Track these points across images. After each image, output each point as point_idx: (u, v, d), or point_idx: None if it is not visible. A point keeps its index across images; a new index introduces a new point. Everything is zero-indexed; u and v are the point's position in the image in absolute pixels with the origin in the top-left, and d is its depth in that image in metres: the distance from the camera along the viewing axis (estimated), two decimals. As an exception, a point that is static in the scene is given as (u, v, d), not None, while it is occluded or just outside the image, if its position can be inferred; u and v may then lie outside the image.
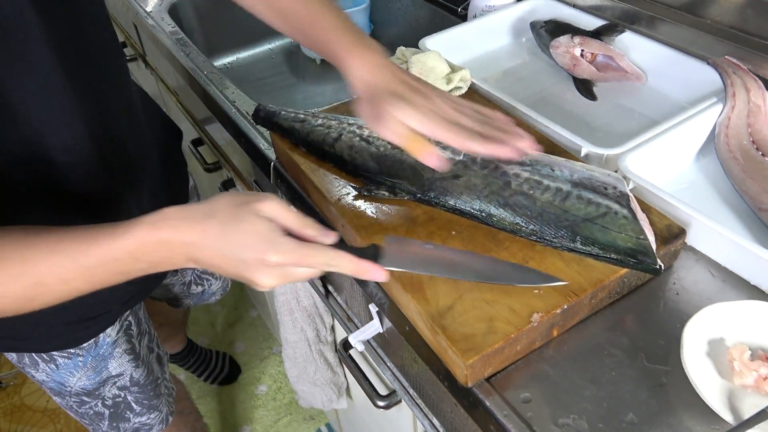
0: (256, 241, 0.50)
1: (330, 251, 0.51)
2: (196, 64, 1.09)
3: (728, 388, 0.51)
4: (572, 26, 0.92)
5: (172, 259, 0.52)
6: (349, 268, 0.52)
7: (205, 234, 0.50)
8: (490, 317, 0.53)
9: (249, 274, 0.51)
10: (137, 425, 1.00)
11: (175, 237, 0.50)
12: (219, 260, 0.51)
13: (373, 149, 0.67)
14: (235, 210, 0.51)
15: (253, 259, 0.50)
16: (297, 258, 0.50)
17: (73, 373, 0.85)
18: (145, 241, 0.50)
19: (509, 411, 0.51)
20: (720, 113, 0.75)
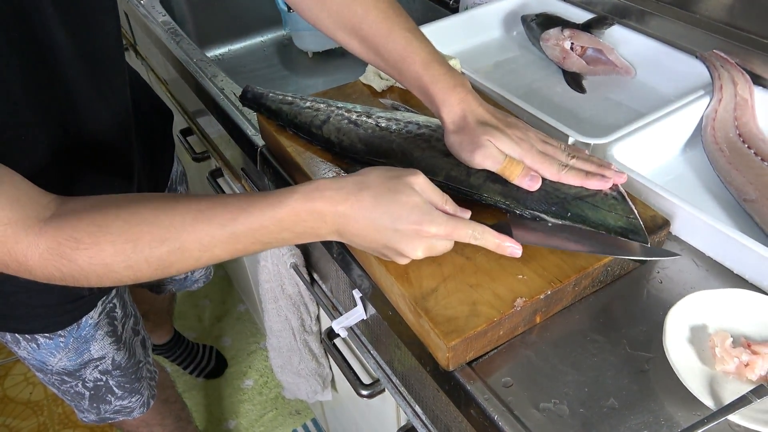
0: (413, 212, 0.51)
1: (476, 225, 0.53)
2: (187, 54, 1.09)
3: (710, 375, 0.51)
4: (562, 19, 0.92)
5: (319, 230, 0.53)
6: (492, 243, 0.54)
7: (360, 205, 0.51)
8: (474, 301, 0.53)
9: (401, 245, 0.52)
10: (118, 407, 1.00)
11: (328, 207, 0.51)
12: (369, 231, 0.52)
13: (362, 131, 0.67)
14: (388, 182, 0.52)
15: (410, 230, 0.51)
16: (449, 230, 0.52)
17: (53, 353, 0.85)
18: (297, 211, 0.51)
19: (490, 395, 0.51)
20: (707, 106, 0.75)
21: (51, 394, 1.70)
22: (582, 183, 0.58)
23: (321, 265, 0.78)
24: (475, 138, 0.58)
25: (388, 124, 0.68)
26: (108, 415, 1.01)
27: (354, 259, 0.65)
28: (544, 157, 0.58)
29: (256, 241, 0.52)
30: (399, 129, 0.67)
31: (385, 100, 0.79)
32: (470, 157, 0.58)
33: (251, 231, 0.52)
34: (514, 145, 0.58)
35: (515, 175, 0.58)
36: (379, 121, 0.68)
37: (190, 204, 0.52)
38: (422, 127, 0.67)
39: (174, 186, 1.05)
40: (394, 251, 0.53)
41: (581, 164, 0.59)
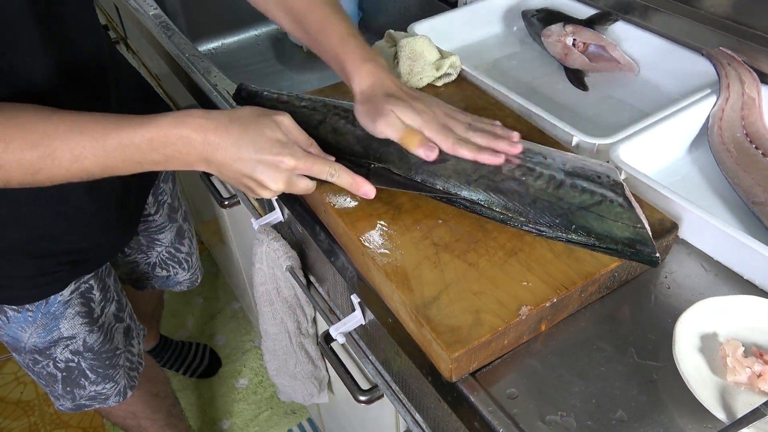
0: (275, 145, 0.56)
1: (333, 163, 0.58)
2: (179, 49, 1.06)
3: (721, 385, 0.49)
4: (564, 15, 0.90)
5: (187, 156, 0.56)
6: (346, 181, 0.58)
7: (227, 135, 0.56)
8: (477, 309, 0.51)
9: (260, 175, 0.56)
10: (93, 393, 0.98)
11: (197, 135, 0.55)
12: (234, 161, 0.56)
13: (359, 131, 0.65)
14: (256, 118, 0.57)
15: (270, 160, 0.56)
16: (307, 165, 0.57)
17: (24, 328, 0.85)
18: (168, 133, 0.55)
19: (494, 407, 0.49)
20: (713, 105, 0.73)
21: (42, 394, 1.68)
22: (474, 157, 0.59)
23: (317, 268, 0.76)
24: (379, 107, 0.60)
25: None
26: (84, 402, 0.99)
27: (351, 263, 0.63)
28: (443, 129, 0.60)
29: (127, 158, 0.55)
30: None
31: (384, 98, 0.76)
32: (373, 126, 0.61)
33: (122, 147, 0.55)
34: (416, 115, 0.60)
35: (413, 145, 0.59)
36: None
37: (67, 115, 0.55)
38: (422, 127, 0.65)
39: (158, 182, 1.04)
40: (256, 182, 0.57)
41: (477, 137, 0.61)
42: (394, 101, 0.60)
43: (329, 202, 0.62)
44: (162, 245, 1.10)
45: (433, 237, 0.58)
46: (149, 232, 1.07)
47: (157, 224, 1.06)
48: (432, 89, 0.79)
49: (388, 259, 0.56)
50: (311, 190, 0.59)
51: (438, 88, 0.79)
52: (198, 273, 1.23)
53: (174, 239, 1.12)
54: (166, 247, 1.11)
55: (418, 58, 0.77)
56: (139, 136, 0.54)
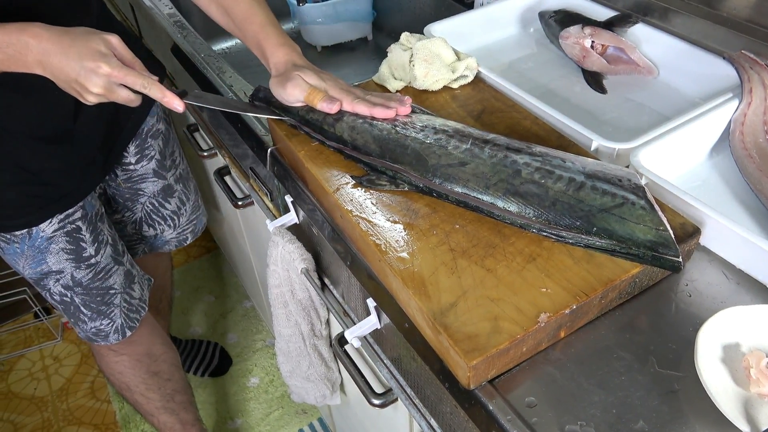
0: (95, 55, 0.66)
1: (147, 78, 0.67)
2: (194, 48, 1.06)
3: (744, 397, 0.49)
4: (583, 16, 0.89)
5: (25, 57, 0.66)
6: (156, 94, 0.67)
7: (59, 43, 0.66)
8: (495, 316, 0.50)
9: (82, 79, 0.66)
10: (94, 329, 1.06)
11: (34, 41, 0.65)
12: (63, 66, 0.66)
13: (376, 131, 0.65)
14: (86, 34, 0.67)
15: (89, 66, 0.65)
16: (121, 74, 0.66)
17: (16, 260, 0.95)
18: (10, 36, 0.65)
19: (513, 415, 0.49)
20: (735, 110, 0.72)
21: (56, 390, 1.69)
22: (369, 111, 0.67)
23: (332, 270, 0.76)
24: (288, 75, 0.70)
25: (404, 128, 0.65)
26: (90, 335, 1.07)
27: (367, 266, 0.63)
28: (343, 90, 0.69)
29: None
30: (415, 133, 0.65)
31: (400, 99, 0.76)
32: (283, 90, 0.70)
33: None
34: (320, 81, 0.70)
35: (317, 99, 0.68)
36: (395, 124, 0.66)
37: None
38: (438, 131, 0.64)
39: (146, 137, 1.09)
40: (80, 85, 0.66)
41: (373, 98, 0.69)
42: (302, 69, 0.70)
43: (346, 208, 0.62)
44: (144, 195, 1.15)
45: (450, 242, 0.57)
46: (132, 182, 1.12)
47: (138, 173, 1.11)
48: (448, 91, 0.78)
49: (405, 264, 0.55)
50: (133, 102, 0.69)
51: (454, 90, 0.78)
52: (188, 234, 1.27)
53: (158, 192, 1.16)
54: (149, 198, 1.16)
55: (434, 60, 0.76)
56: None
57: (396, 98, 0.69)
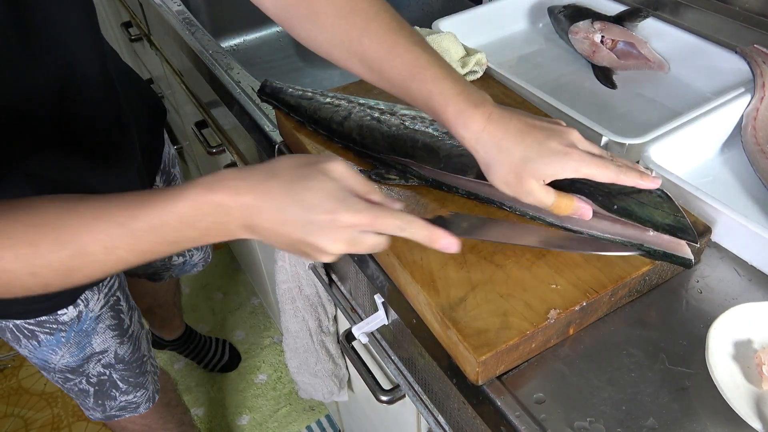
0: (327, 199, 0.46)
1: (404, 215, 0.48)
2: (202, 45, 1.06)
3: (756, 394, 0.48)
4: (592, 11, 0.89)
5: (227, 225, 0.47)
6: (422, 235, 0.48)
7: (268, 195, 0.46)
8: (505, 312, 0.50)
9: (315, 239, 0.46)
10: (123, 403, 0.98)
11: (232, 200, 0.46)
12: (280, 225, 0.47)
13: (384, 128, 0.64)
14: (299, 170, 0.47)
15: (323, 220, 0.46)
16: (370, 219, 0.46)
17: (55, 350, 0.83)
18: (199, 204, 0.46)
19: (521, 412, 0.48)
20: (747, 104, 0.71)
21: (65, 386, 1.70)
22: (635, 183, 0.52)
23: (340, 266, 0.76)
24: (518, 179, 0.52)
25: (413, 123, 0.65)
26: (114, 413, 1.00)
27: (375, 261, 0.63)
28: (597, 161, 0.52)
29: (162, 240, 0.48)
30: (424, 127, 0.64)
31: (408, 95, 0.76)
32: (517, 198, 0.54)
33: (152, 229, 0.47)
34: (562, 165, 0.51)
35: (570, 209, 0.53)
36: (404, 120, 0.66)
37: (92, 202, 0.48)
38: (448, 125, 0.64)
39: (168, 169, 1.03)
40: (312, 246, 0.47)
41: (620, 161, 0.54)
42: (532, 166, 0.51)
43: None
44: None
45: (459, 237, 0.57)
46: None
47: None
48: (457, 87, 0.78)
49: (414, 259, 0.55)
50: (383, 247, 0.49)
51: (463, 86, 0.78)
52: (209, 249, 1.23)
53: None
54: None
55: (443, 56, 0.76)
56: (168, 213, 0.46)
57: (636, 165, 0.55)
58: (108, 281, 0.86)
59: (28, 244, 0.46)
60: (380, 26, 0.55)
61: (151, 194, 0.48)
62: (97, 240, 0.47)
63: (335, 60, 0.60)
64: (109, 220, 0.47)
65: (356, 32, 0.56)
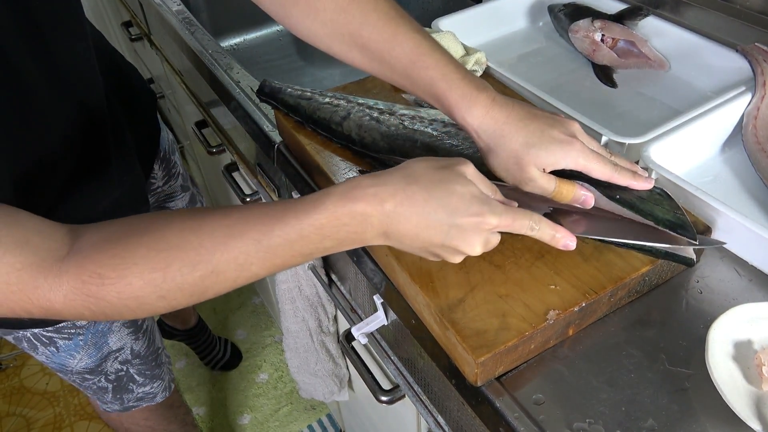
0: (473, 203, 0.46)
1: (533, 214, 0.48)
2: (202, 45, 1.06)
3: (756, 395, 0.48)
4: (593, 10, 0.88)
5: (364, 234, 0.47)
6: (548, 234, 0.49)
7: (410, 201, 0.45)
8: (504, 313, 0.50)
9: (457, 242, 0.47)
10: (141, 394, 1.00)
11: (373, 207, 0.45)
12: (421, 229, 0.46)
13: (384, 128, 0.64)
14: (438, 173, 0.47)
15: (470, 222, 0.46)
16: (509, 221, 0.47)
17: (73, 355, 0.83)
18: (338, 215, 0.45)
19: (520, 413, 0.48)
20: (748, 103, 0.71)
21: (67, 385, 1.70)
22: (629, 184, 0.53)
23: (339, 267, 0.76)
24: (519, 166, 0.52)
25: (412, 122, 0.65)
26: (131, 404, 1.01)
27: (374, 262, 0.63)
28: (596, 156, 0.52)
29: (297, 253, 0.47)
30: (423, 127, 0.64)
31: (408, 95, 0.76)
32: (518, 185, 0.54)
33: (289, 243, 0.46)
34: (563, 154, 0.51)
35: (570, 195, 0.53)
36: (403, 120, 0.65)
37: (218, 219, 0.46)
38: (447, 125, 0.64)
39: (168, 156, 1.03)
40: (451, 249, 0.47)
41: (623, 163, 0.54)
42: (535, 153, 0.51)
43: None
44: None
45: (458, 238, 0.57)
46: (159, 201, 1.06)
47: (166, 193, 1.05)
48: (456, 86, 0.77)
49: (413, 260, 0.55)
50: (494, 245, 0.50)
51: (462, 85, 0.78)
52: None
53: (186, 206, 1.11)
54: None
55: (442, 55, 0.76)
56: (306, 226, 0.45)
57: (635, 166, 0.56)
58: None
59: (155, 269, 0.45)
60: (379, 16, 0.56)
61: (287, 206, 0.47)
62: (230, 258, 0.46)
63: (336, 53, 0.60)
64: (243, 236, 0.46)
65: (356, 24, 0.56)
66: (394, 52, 0.55)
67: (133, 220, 0.48)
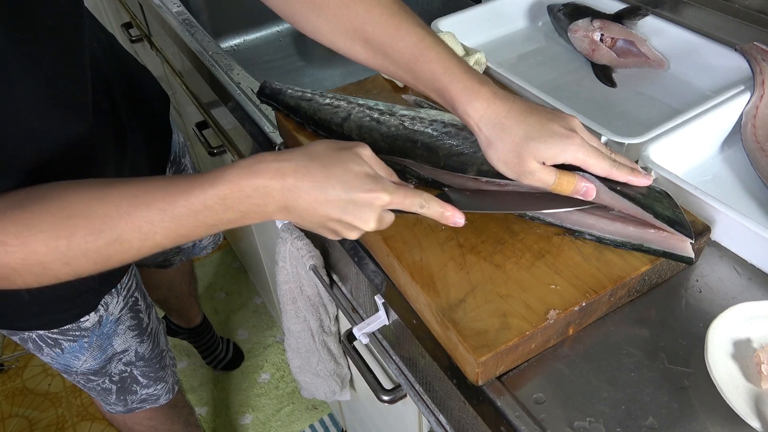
0: (366, 181, 0.50)
1: (423, 193, 0.52)
2: (202, 46, 1.06)
3: (755, 393, 0.48)
4: (592, 9, 0.88)
5: (266, 207, 0.49)
6: (437, 211, 0.53)
7: (310, 177, 0.49)
8: (504, 312, 0.50)
9: (351, 217, 0.50)
10: (144, 396, 1.00)
11: (274, 182, 0.48)
12: (320, 204, 0.49)
13: (384, 129, 0.65)
14: (337, 153, 0.51)
15: (364, 198, 0.49)
16: (400, 198, 0.51)
17: (78, 356, 0.84)
18: (241, 186, 0.48)
19: (521, 412, 0.49)
20: (747, 102, 0.71)
21: (70, 386, 1.71)
22: (627, 179, 0.53)
23: (340, 267, 0.76)
24: (519, 159, 0.52)
25: (412, 123, 0.65)
26: (135, 405, 1.01)
27: (375, 262, 0.63)
28: (595, 151, 0.52)
29: (200, 224, 0.49)
30: (424, 128, 0.65)
31: (408, 96, 0.76)
32: (517, 179, 0.54)
33: (193, 213, 0.48)
34: (562, 148, 0.51)
35: (570, 188, 0.53)
36: (403, 120, 0.66)
37: (124, 189, 0.48)
38: (447, 125, 0.64)
39: (178, 159, 1.03)
40: (346, 224, 0.51)
41: (623, 160, 0.55)
42: (534, 146, 0.51)
43: None
44: None
45: (458, 238, 0.57)
46: None
47: None
48: (456, 87, 0.78)
49: (413, 260, 0.55)
50: (389, 225, 0.53)
51: (462, 86, 0.78)
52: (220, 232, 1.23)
53: None
54: None
55: (442, 56, 0.76)
56: (210, 196, 0.48)
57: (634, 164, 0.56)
58: (126, 283, 0.86)
59: (60, 236, 0.47)
60: (382, 11, 0.57)
61: (191, 178, 0.49)
62: (135, 228, 0.48)
63: (340, 49, 0.61)
64: (148, 205, 0.48)
65: (359, 20, 0.57)
66: (396, 46, 0.56)
67: (39, 189, 0.49)
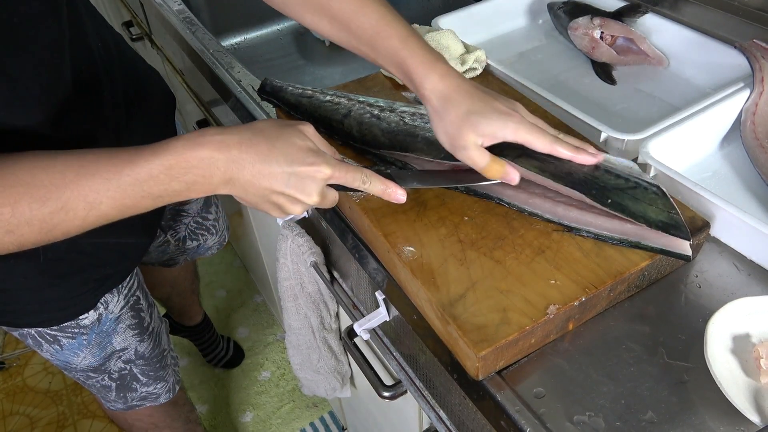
0: (308, 154, 0.52)
1: (364, 170, 0.55)
2: (203, 44, 1.06)
3: (754, 387, 0.48)
4: (592, 7, 0.89)
5: (210, 179, 0.51)
6: (378, 188, 0.55)
7: (254, 149, 0.50)
8: (504, 307, 0.51)
9: (293, 190, 0.52)
10: (144, 394, 1.00)
11: (220, 153, 0.50)
12: (263, 177, 0.51)
13: (384, 125, 0.65)
14: (280, 129, 0.53)
15: (305, 171, 0.51)
16: (342, 173, 0.53)
17: (77, 353, 0.84)
18: (187, 157, 0.49)
19: (521, 406, 0.49)
20: (747, 99, 0.71)
21: (70, 384, 1.71)
22: (572, 156, 0.55)
23: (341, 263, 0.76)
24: (459, 131, 0.55)
25: (412, 119, 0.65)
26: (135, 403, 1.02)
27: (375, 258, 0.63)
28: (536, 128, 0.55)
29: (146, 194, 0.50)
30: (424, 123, 0.65)
31: (408, 93, 0.76)
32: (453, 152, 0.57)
33: (138, 183, 0.49)
34: (502, 125, 0.54)
35: (497, 176, 0.56)
36: (404, 116, 0.66)
37: (70, 160, 0.49)
38: (448, 122, 0.64)
39: None
40: (289, 197, 0.52)
41: (568, 138, 0.57)
42: (476, 120, 0.54)
43: (354, 200, 0.62)
44: (189, 216, 1.10)
45: (459, 234, 0.57)
46: (173, 204, 1.05)
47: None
48: (457, 84, 0.78)
49: (414, 255, 0.56)
50: (334, 203, 0.56)
51: (463, 83, 0.78)
52: (225, 233, 1.23)
53: (201, 209, 1.11)
54: (193, 217, 1.11)
55: (443, 53, 0.76)
56: (155, 166, 0.49)
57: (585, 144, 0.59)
58: (128, 282, 0.86)
59: (5, 203, 0.47)
60: None
61: (136, 149, 0.50)
62: (80, 195, 0.48)
63: (308, 23, 0.64)
64: (94, 175, 0.48)
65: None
66: (359, 22, 0.59)
67: None
